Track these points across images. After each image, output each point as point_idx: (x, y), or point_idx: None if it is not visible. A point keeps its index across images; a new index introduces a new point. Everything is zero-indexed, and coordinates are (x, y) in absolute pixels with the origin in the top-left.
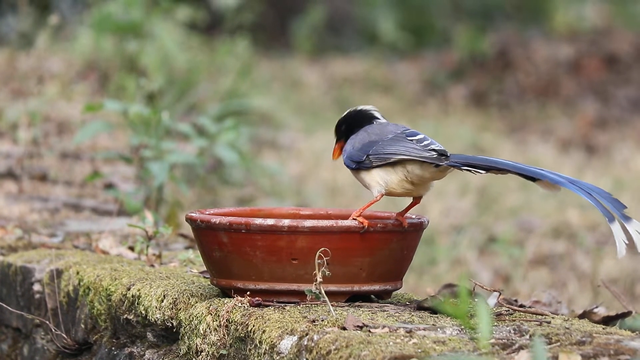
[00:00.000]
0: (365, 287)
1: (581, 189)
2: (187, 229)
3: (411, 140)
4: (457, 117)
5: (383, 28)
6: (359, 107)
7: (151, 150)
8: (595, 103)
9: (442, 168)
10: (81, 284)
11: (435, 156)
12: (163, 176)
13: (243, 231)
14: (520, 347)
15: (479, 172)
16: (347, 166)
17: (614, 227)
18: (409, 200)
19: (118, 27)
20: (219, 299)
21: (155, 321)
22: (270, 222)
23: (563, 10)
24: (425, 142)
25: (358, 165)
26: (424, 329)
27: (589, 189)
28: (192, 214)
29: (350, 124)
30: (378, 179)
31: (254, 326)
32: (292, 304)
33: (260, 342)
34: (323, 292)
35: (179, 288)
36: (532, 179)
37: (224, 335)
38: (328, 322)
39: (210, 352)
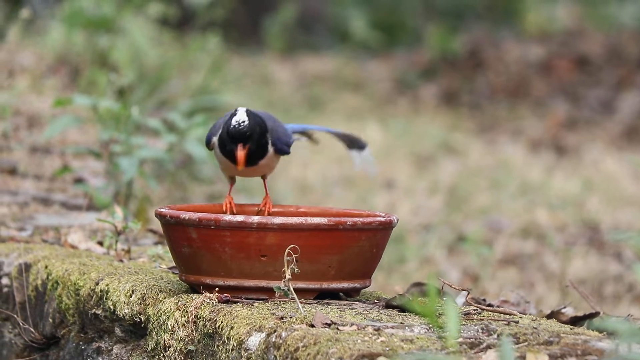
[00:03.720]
0: (334, 285)
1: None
2: (157, 225)
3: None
4: (427, 116)
5: (354, 26)
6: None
7: (121, 145)
8: (565, 104)
9: None
10: (49, 278)
11: None
12: (132, 171)
13: (212, 227)
14: (488, 347)
15: None
16: (286, 154)
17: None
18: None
19: (89, 22)
20: (188, 295)
21: (124, 316)
22: (239, 218)
23: (534, 11)
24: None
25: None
26: (392, 327)
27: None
28: (162, 210)
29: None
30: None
31: (222, 322)
32: (261, 301)
33: (228, 338)
34: (292, 289)
35: (148, 283)
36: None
37: (192, 331)
38: (296, 319)
39: (178, 348)
